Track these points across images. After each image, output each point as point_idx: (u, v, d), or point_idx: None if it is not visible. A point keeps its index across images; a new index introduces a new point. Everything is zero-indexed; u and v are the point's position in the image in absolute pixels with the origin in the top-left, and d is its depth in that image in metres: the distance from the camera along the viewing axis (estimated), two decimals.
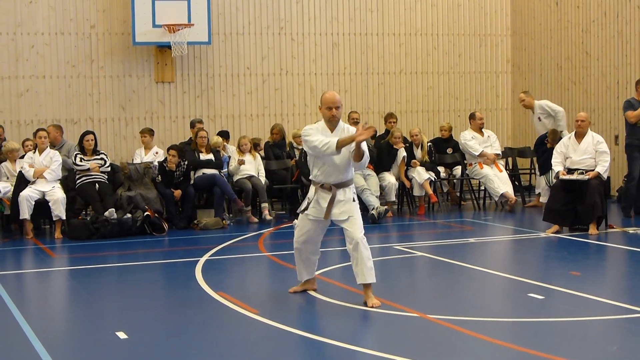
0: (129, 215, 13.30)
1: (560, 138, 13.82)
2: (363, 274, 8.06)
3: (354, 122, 15.18)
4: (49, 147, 13.61)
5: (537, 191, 15.89)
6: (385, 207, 14.28)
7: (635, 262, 10.75)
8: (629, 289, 9.02)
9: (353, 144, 7.92)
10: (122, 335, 7.18)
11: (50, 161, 13.40)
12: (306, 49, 17.62)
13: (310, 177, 8.39)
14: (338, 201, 8.15)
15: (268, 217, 14.42)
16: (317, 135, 8.09)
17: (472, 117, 16.25)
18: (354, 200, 8.23)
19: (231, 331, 7.50)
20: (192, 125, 15.34)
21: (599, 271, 10.24)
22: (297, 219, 14.13)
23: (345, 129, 8.29)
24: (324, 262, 9.79)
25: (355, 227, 8.09)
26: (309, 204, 8.31)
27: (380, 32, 18.09)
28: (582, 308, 8.02)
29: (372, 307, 7.97)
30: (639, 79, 14.26)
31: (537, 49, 18.43)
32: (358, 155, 7.99)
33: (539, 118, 15.77)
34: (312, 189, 8.35)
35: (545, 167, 14.82)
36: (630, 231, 12.46)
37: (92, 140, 13.86)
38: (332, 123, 8.21)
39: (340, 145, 7.88)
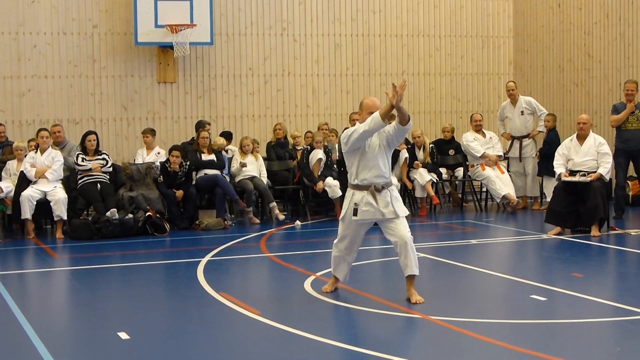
0: (130, 215, 13.30)
1: None
2: (411, 267, 8.24)
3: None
4: (51, 147, 13.61)
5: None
6: None
7: (638, 264, 10.75)
8: (631, 290, 9.00)
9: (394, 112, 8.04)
10: (123, 335, 7.18)
11: (52, 161, 13.40)
12: (308, 50, 17.61)
13: (355, 182, 8.37)
14: (396, 199, 8.35)
15: (280, 217, 14.37)
16: (358, 126, 8.22)
17: (471, 118, 16.32)
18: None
19: (233, 332, 7.49)
20: (201, 125, 15.20)
21: (601, 273, 10.23)
22: (299, 220, 14.28)
23: None
24: (325, 264, 9.79)
25: (403, 226, 8.27)
26: (355, 208, 8.33)
27: (382, 33, 18.08)
28: (584, 310, 8.01)
29: (415, 303, 8.13)
30: (626, 81, 14.30)
31: (540, 51, 18.42)
32: (403, 118, 8.06)
33: (522, 112, 15.82)
34: (357, 193, 8.34)
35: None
36: (632, 233, 12.45)
37: (94, 140, 13.85)
38: None
39: (383, 115, 7.92)
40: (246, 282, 10.01)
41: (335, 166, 14.81)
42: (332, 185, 14.40)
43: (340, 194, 14.15)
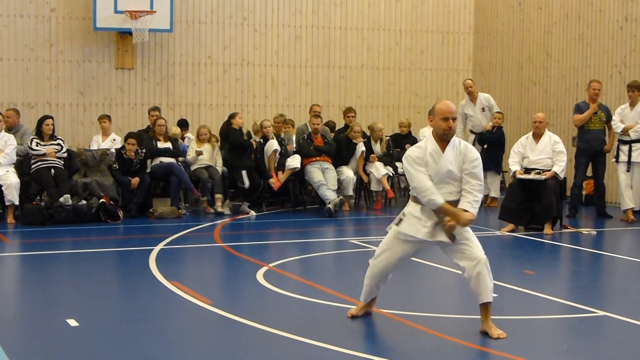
0: (84, 201, 13.17)
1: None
2: (486, 293, 6.96)
3: (315, 115, 15.14)
4: (4, 131, 13.44)
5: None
6: (341, 197, 14.29)
7: (588, 263, 10.86)
8: (581, 288, 9.09)
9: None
10: (72, 322, 7.10)
11: (5, 145, 13.23)
12: (268, 40, 17.56)
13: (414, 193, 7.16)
14: None
15: (220, 209, 14.20)
16: (422, 176, 7.02)
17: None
18: None
19: (184, 321, 7.44)
20: (149, 112, 15.30)
21: (553, 271, 10.32)
22: (253, 210, 14.23)
23: (461, 145, 7.23)
24: (279, 254, 9.78)
25: (477, 245, 7.31)
26: (401, 218, 7.24)
27: (343, 26, 18.08)
28: (534, 307, 8.07)
29: (497, 338, 6.82)
30: (590, 81, 14.39)
31: (499, 48, 18.52)
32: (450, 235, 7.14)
33: (483, 109, 15.89)
34: (412, 204, 7.21)
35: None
36: (584, 232, 12.56)
37: (51, 124, 13.69)
38: (446, 136, 7.17)
39: (441, 210, 6.96)
40: (198, 272, 9.96)
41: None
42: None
43: (299, 166, 14.24)
